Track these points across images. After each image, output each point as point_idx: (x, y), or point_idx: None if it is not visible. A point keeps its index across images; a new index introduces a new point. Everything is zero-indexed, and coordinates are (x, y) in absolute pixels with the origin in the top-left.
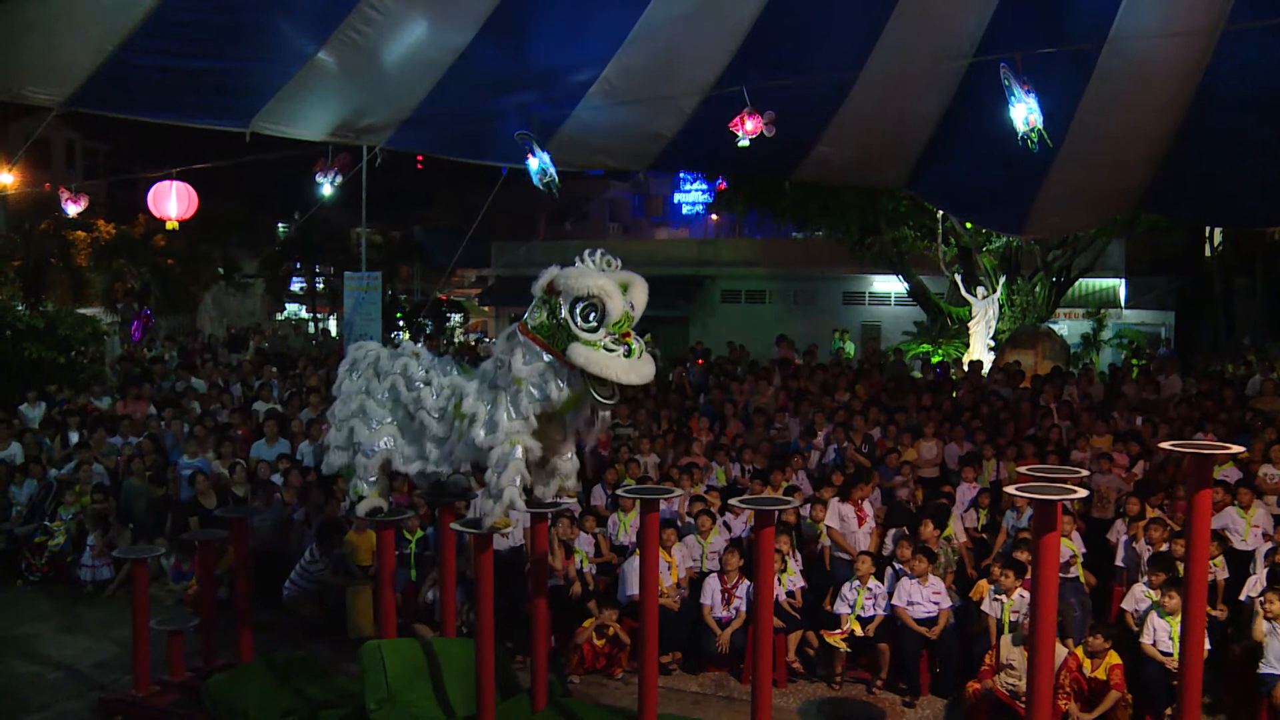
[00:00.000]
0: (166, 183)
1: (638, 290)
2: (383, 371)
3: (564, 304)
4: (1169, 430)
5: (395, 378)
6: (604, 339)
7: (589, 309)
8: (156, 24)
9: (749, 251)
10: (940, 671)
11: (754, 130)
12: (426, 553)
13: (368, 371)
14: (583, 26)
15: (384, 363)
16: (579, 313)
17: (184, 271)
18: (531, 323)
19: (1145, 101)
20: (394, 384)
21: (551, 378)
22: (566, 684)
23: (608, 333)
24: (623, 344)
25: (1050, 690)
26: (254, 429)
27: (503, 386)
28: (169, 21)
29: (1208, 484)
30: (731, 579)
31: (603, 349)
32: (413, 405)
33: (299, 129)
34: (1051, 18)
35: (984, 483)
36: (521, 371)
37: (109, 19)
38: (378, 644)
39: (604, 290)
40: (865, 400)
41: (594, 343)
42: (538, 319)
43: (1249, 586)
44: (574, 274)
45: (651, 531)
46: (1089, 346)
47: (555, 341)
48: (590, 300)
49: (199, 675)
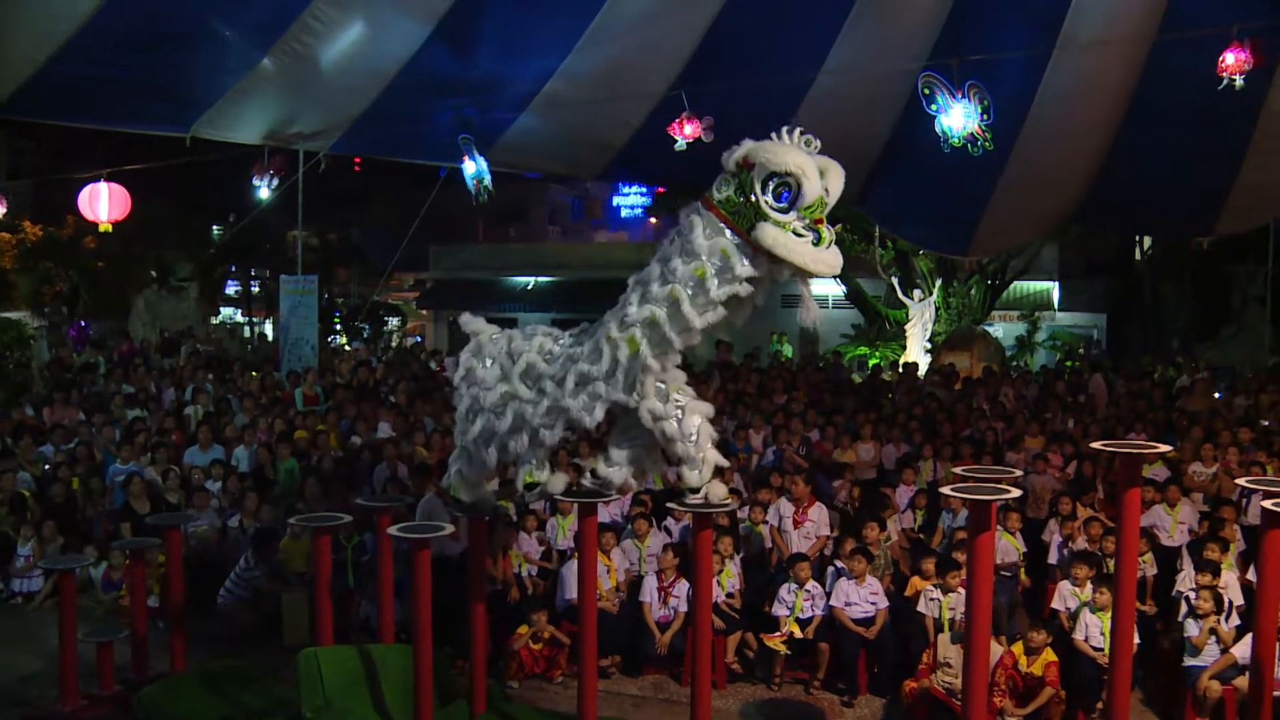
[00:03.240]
0: (98, 184)
1: (835, 176)
2: (516, 352)
3: (756, 179)
4: (1100, 431)
5: (533, 355)
6: (795, 222)
7: (782, 187)
8: (93, 33)
9: None
10: (878, 671)
11: (692, 135)
12: (364, 558)
13: (501, 356)
14: (529, 35)
15: (518, 343)
16: (772, 190)
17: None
18: (718, 196)
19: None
20: (532, 361)
21: (735, 254)
22: (506, 688)
23: (799, 216)
24: (813, 230)
25: (986, 687)
26: (187, 434)
27: (675, 278)
28: (106, 31)
29: (1137, 483)
30: (668, 578)
31: (792, 232)
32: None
33: (241, 135)
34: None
35: (921, 484)
36: (701, 246)
37: (44, 27)
38: (314, 651)
39: (803, 169)
40: (804, 403)
41: (784, 224)
42: (725, 193)
43: (1178, 582)
44: (772, 148)
45: (589, 535)
46: (1023, 348)
47: (740, 219)
48: (786, 178)
49: (130, 687)
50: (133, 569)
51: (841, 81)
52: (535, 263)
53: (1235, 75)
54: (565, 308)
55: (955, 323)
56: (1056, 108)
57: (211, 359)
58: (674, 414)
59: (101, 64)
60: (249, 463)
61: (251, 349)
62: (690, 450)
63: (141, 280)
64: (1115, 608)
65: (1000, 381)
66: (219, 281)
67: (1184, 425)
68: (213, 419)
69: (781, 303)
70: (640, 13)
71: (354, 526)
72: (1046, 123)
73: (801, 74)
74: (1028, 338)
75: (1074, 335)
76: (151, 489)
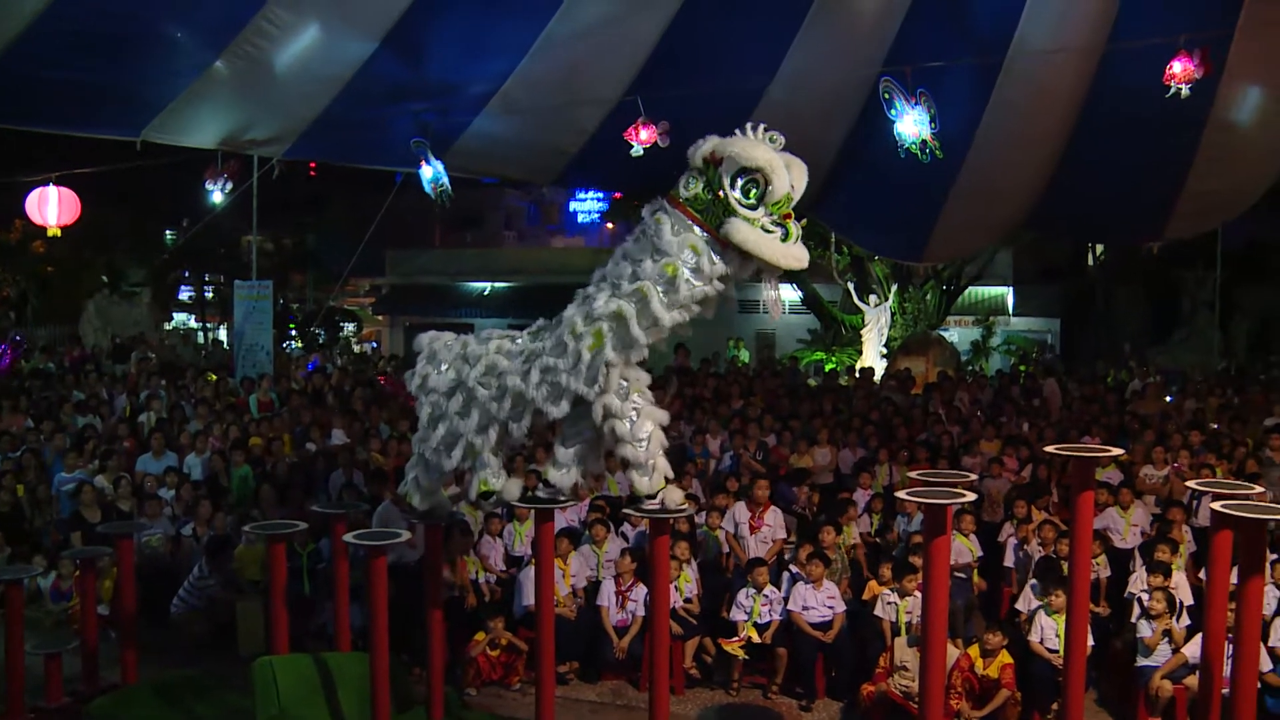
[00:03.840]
0: (47, 188)
1: (799, 172)
2: (473, 356)
3: (725, 175)
4: (1054, 435)
5: (493, 356)
6: (763, 218)
7: (750, 183)
8: (39, 33)
9: None
10: (835, 675)
11: (648, 140)
12: (320, 565)
13: (455, 361)
14: (483, 40)
15: (473, 348)
16: (740, 186)
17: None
18: (684, 194)
19: (1037, 129)
20: (493, 362)
21: (705, 251)
22: (463, 696)
23: (767, 212)
24: (781, 226)
25: (942, 690)
26: (140, 441)
27: (645, 276)
28: (53, 31)
29: (1090, 486)
30: (626, 582)
31: (761, 228)
32: (520, 365)
33: (193, 139)
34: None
35: (877, 488)
36: (671, 243)
37: None
38: (270, 660)
39: (771, 165)
40: (760, 407)
41: (753, 220)
42: (692, 190)
43: (1131, 584)
44: (741, 144)
45: (546, 541)
46: (978, 353)
47: (709, 216)
48: (754, 174)
49: (80, 700)
50: (83, 578)
51: (796, 88)
52: (492, 268)
53: (1182, 85)
54: (522, 313)
55: (911, 328)
56: (1008, 116)
57: (165, 365)
58: (629, 414)
59: (48, 65)
60: (202, 470)
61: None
62: (639, 455)
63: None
64: (1069, 609)
65: (955, 386)
66: (172, 287)
67: (1136, 429)
68: (166, 426)
69: (739, 308)
70: (595, 18)
71: (309, 534)
72: (998, 131)
73: (756, 80)
74: (982, 342)
75: (1028, 340)
76: (102, 497)
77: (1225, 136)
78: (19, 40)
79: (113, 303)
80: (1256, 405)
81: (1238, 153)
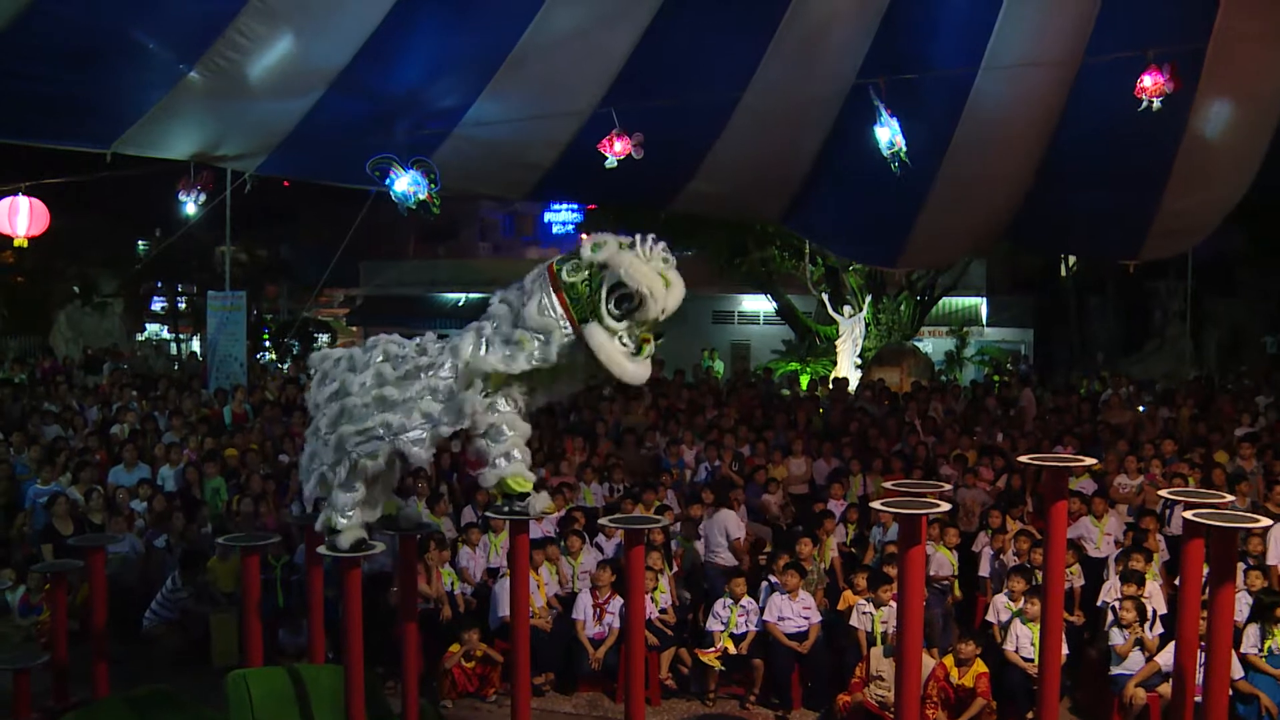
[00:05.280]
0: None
1: (675, 295)
2: (359, 365)
3: (606, 283)
4: (1028, 444)
5: (378, 365)
6: (624, 332)
7: (625, 299)
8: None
9: None
10: (811, 685)
11: (622, 152)
12: (294, 577)
13: (342, 374)
14: (455, 55)
15: (358, 357)
16: (615, 299)
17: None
18: (565, 278)
19: (1011, 141)
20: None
21: (557, 340)
22: (439, 708)
23: (631, 328)
24: (636, 343)
25: (918, 700)
26: (112, 454)
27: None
28: (22, 43)
29: (1064, 495)
30: (603, 594)
31: (619, 341)
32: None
33: (164, 152)
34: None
35: (852, 498)
36: (535, 322)
37: None
38: (243, 673)
39: (652, 291)
40: (735, 418)
41: (614, 330)
42: (574, 278)
43: (1104, 592)
44: (633, 262)
45: (521, 553)
46: (952, 363)
47: (577, 309)
48: (632, 294)
49: (50, 715)
50: (54, 592)
51: (770, 98)
52: (466, 279)
53: (1154, 98)
54: None
55: (885, 338)
56: (983, 128)
57: (137, 376)
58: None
59: (18, 78)
60: (175, 482)
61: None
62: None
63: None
64: (1043, 618)
65: (930, 396)
66: (144, 297)
67: (1109, 438)
68: (138, 437)
69: (712, 318)
70: (567, 30)
71: (283, 545)
72: (972, 141)
73: (730, 90)
74: (956, 353)
75: (1002, 350)
76: (75, 509)
77: (1199, 153)
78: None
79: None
80: (1227, 415)
81: (1211, 168)
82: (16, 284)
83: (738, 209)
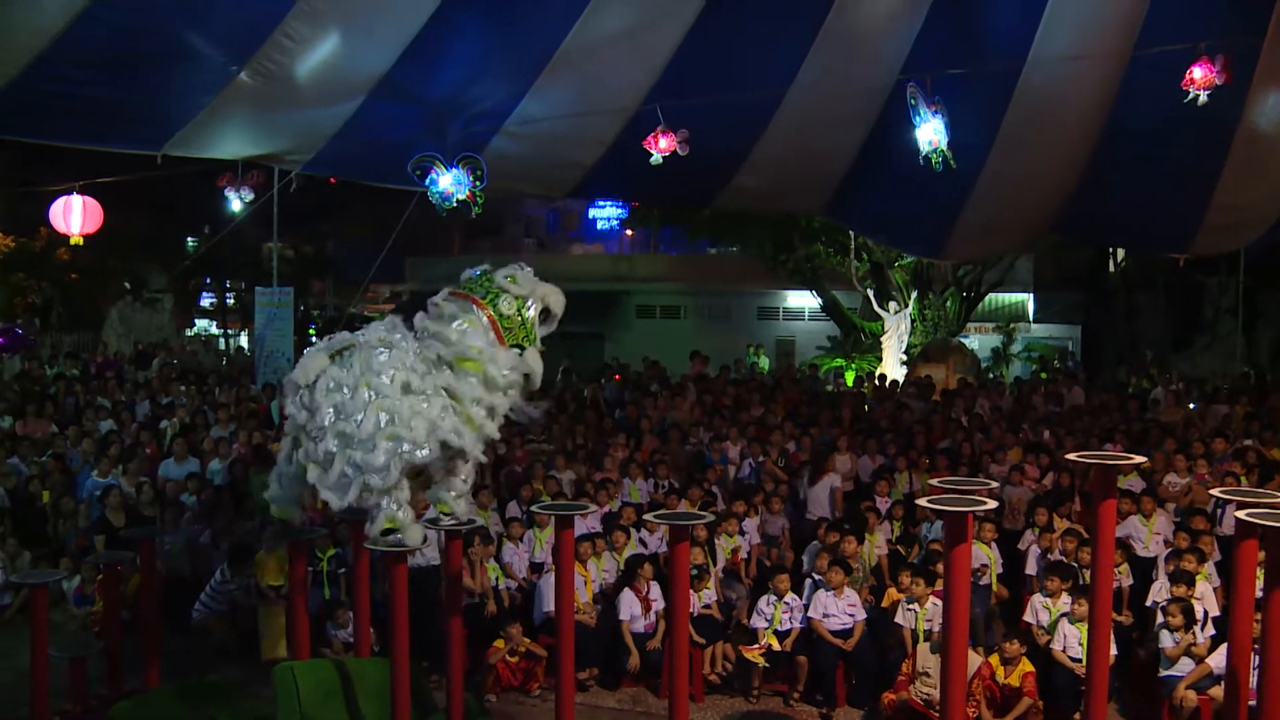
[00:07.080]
0: (70, 196)
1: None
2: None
3: (534, 310)
4: (1075, 442)
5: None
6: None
7: (543, 315)
8: (63, 50)
9: (664, 267)
10: (856, 683)
11: (667, 149)
12: (340, 571)
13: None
14: (500, 55)
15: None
16: (539, 320)
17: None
18: (502, 310)
19: (1059, 134)
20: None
21: (502, 362)
22: (483, 702)
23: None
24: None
25: (963, 698)
26: (162, 447)
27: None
28: (75, 49)
29: (1112, 494)
30: (644, 587)
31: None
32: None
33: (213, 153)
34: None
35: (897, 495)
36: (481, 352)
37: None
38: (290, 666)
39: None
40: (781, 414)
41: (539, 349)
42: (508, 310)
43: (1153, 593)
44: (556, 294)
45: (566, 548)
46: (999, 360)
47: (510, 336)
48: (549, 313)
49: (103, 703)
50: (107, 583)
51: (814, 93)
52: None
53: (1201, 90)
54: None
55: (931, 335)
56: (1028, 121)
57: (186, 371)
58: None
59: (70, 82)
60: (224, 476)
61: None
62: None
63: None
64: (1092, 618)
65: (976, 393)
66: (194, 294)
67: (1157, 436)
68: (188, 432)
69: (757, 314)
70: (612, 31)
71: (330, 539)
72: (1018, 136)
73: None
74: (1003, 349)
75: (1049, 347)
76: (128, 502)
77: (1253, 147)
78: (42, 58)
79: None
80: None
81: (1265, 164)
82: (71, 281)
83: (781, 203)
